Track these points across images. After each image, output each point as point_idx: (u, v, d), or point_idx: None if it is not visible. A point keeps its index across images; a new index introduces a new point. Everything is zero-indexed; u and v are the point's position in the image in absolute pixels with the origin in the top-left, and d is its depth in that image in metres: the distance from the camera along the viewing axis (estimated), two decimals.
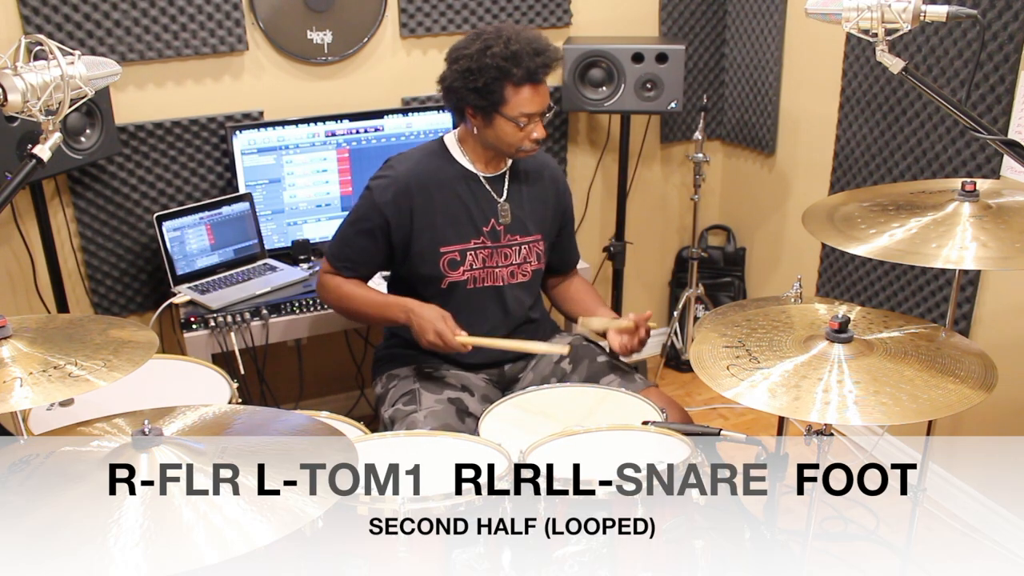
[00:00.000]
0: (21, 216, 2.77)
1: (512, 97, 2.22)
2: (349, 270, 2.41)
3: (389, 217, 2.32)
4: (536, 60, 2.21)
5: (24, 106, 1.51)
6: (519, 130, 2.26)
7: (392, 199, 2.31)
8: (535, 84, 2.23)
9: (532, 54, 2.21)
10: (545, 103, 2.28)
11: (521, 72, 2.20)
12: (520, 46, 2.20)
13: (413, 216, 2.33)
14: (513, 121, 2.25)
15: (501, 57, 2.19)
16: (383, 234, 2.34)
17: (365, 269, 2.43)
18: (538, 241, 2.46)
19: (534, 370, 2.49)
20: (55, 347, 1.63)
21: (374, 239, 2.35)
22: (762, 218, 3.65)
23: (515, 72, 2.20)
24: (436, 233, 2.34)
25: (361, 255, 2.39)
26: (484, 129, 2.30)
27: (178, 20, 2.81)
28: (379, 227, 2.33)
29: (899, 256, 1.82)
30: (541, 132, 2.29)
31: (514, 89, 2.22)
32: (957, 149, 2.69)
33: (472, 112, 2.29)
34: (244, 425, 1.61)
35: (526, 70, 2.20)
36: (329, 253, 2.44)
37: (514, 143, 2.29)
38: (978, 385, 1.64)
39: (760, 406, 1.63)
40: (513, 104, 2.23)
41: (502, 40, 2.21)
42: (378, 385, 2.48)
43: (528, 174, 2.45)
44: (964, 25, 2.58)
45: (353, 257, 2.40)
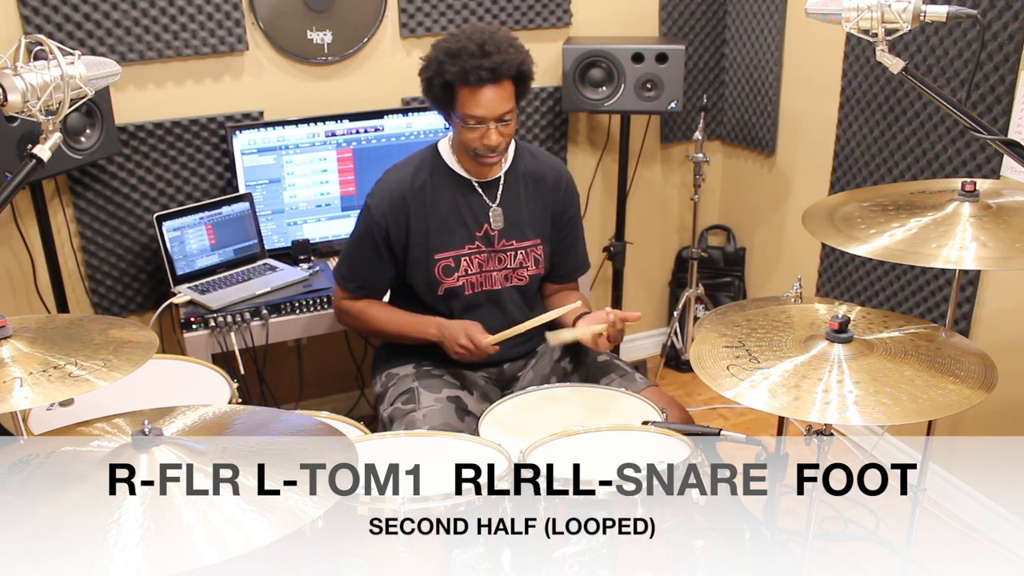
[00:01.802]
0: (21, 216, 2.77)
1: (460, 97, 2.17)
2: (362, 290, 2.41)
3: (388, 228, 2.31)
4: (475, 60, 2.12)
5: (24, 106, 1.51)
6: (470, 132, 2.20)
7: (389, 209, 2.31)
8: (477, 86, 2.13)
9: (477, 55, 2.12)
10: (496, 109, 2.17)
11: (455, 70, 2.13)
12: (465, 44, 2.13)
13: (409, 224, 2.32)
14: (463, 122, 2.19)
15: (444, 52, 2.15)
16: (386, 247, 2.34)
17: (377, 286, 2.42)
18: (536, 246, 2.42)
19: (534, 369, 2.48)
20: (55, 347, 1.63)
21: (379, 254, 2.35)
22: (762, 218, 3.65)
23: (450, 69, 2.13)
24: (430, 240, 2.33)
25: (370, 272, 2.39)
26: (455, 133, 2.28)
27: (178, 20, 2.81)
28: (382, 240, 2.33)
29: (899, 256, 1.82)
30: (492, 139, 2.19)
31: (461, 88, 2.15)
32: (957, 149, 2.69)
33: (442, 114, 2.28)
34: (244, 425, 1.61)
35: (461, 69, 2.12)
36: (338, 277, 2.44)
37: (468, 146, 2.24)
38: (978, 385, 1.64)
39: (760, 406, 1.63)
40: (460, 103, 2.17)
41: (454, 38, 2.17)
42: (377, 384, 2.47)
43: (529, 177, 2.41)
44: (964, 25, 2.58)
45: (363, 276, 2.39)
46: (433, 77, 2.19)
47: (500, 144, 2.22)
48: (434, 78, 2.19)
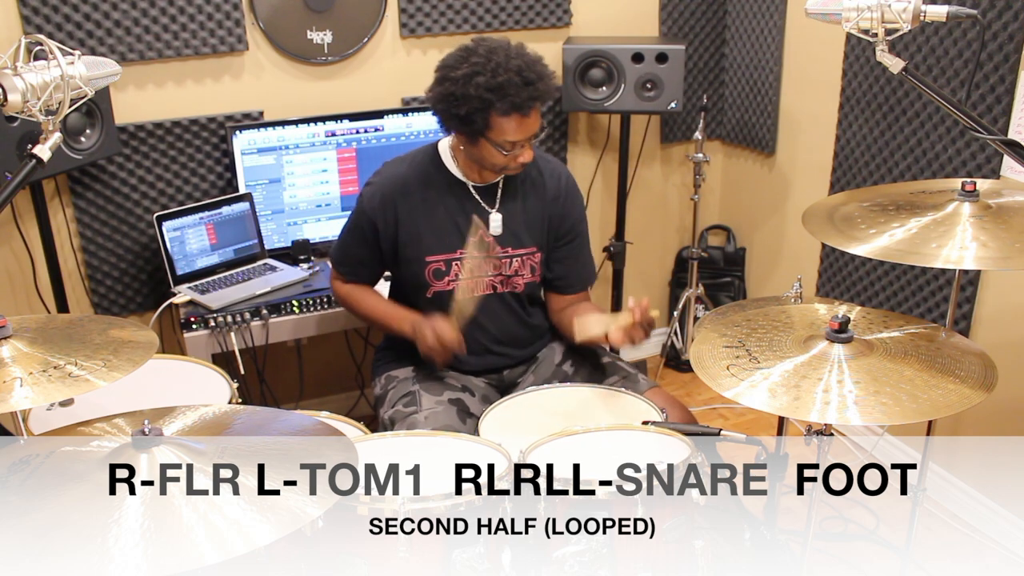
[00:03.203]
0: (21, 216, 2.77)
1: (497, 124, 2.11)
2: (352, 274, 2.44)
3: (376, 222, 2.31)
4: (523, 92, 2.07)
5: (24, 106, 1.51)
6: (503, 155, 2.17)
7: (379, 204, 2.31)
8: (522, 116, 2.11)
9: (520, 85, 2.07)
10: (533, 129, 2.15)
11: (506, 106, 2.07)
12: (508, 76, 2.06)
13: (398, 223, 2.31)
14: (498, 147, 2.15)
15: (485, 88, 2.06)
16: (374, 238, 2.34)
17: (366, 273, 2.44)
18: (532, 254, 2.37)
19: (535, 373, 2.47)
20: (55, 347, 1.63)
21: (367, 244, 2.35)
22: (762, 218, 3.65)
23: (499, 105, 2.07)
24: (421, 242, 2.31)
25: (358, 259, 2.41)
26: (469, 147, 2.21)
27: (178, 20, 2.81)
28: (370, 231, 2.33)
29: (899, 256, 1.82)
30: (528, 156, 2.18)
31: (499, 117, 2.10)
32: (957, 149, 2.69)
33: (457, 131, 2.20)
34: (244, 425, 1.61)
35: (511, 104, 2.07)
36: (332, 259, 2.48)
37: (499, 164, 2.21)
38: (978, 385, 1.64)
39: (760, 406, 1.63)
40: (497, 131, 2.12)
41: (490, 68, 2.07)
42: (377, 386, 2.47)
43: (529, 183, 2.36)
44: (964, 25, 2.58)
45: (352, 262, 2.42)
46: (472, 113, 2.10)
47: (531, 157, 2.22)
48: (473, 114, 2.10)
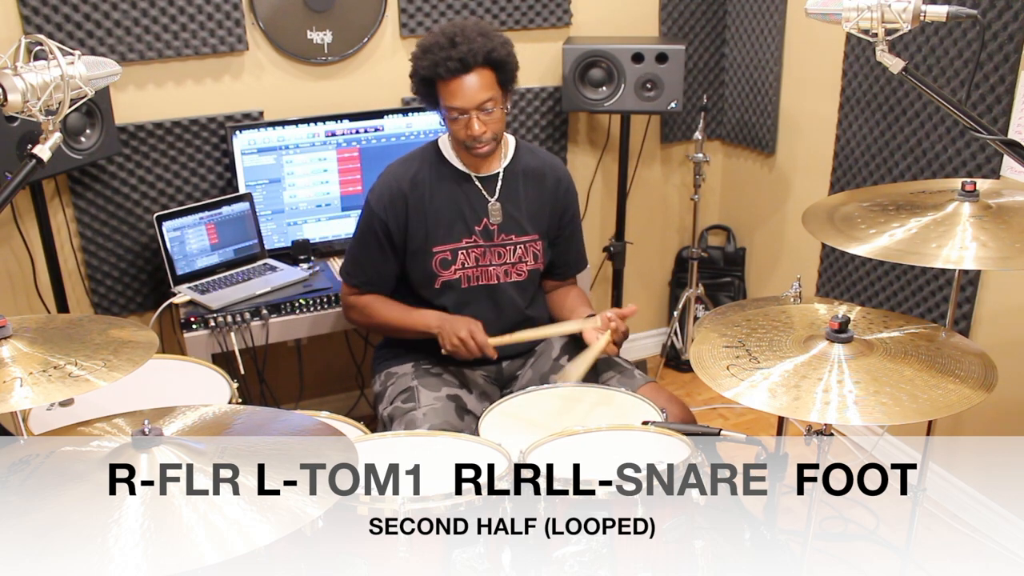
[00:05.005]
0: (21, 216, 2.77)
1: (441, 91, 2.22)
2: (367, 285, 2.43)
3: (387, 221, 2.33)
4: (444, 53, 2.17)
5: (24, 106, 1.51)
6: (454, 124, 2.25)
7: (388, 202, 2.33)
8: (450, 77, 2.18)
9: (446, 47, 2.17)
10: (473, 99, 2.20)
11: (427, 64, 2.20)
12: (437, 38, 2.19)
13: (408, 217, 2.34)
14: (449, 116, 2.24)
15: (419, 48, 2.23)
16: (387, 240, 2.35)
17: (381, 281, 2.43)
18: (535, 241, 2.44)
19: (533, 367, 2.49)
20: (55, 347, 1.63)
21: (381, 247, 2.36)
22: (762, 218, 3.65)
23: (423, 64, 2.21)
24: (428, 233, 2.35)
25: (373, 267, 2.40)
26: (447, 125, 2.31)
27: (178, 20, 2.81)
28: (383, 233, 2.34)
29: (899, 256, 1.82)
30: (474, 128, 2.22)
31: (439, 83, 2.21)
32: (957, 149, 2.69)
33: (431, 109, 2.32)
34: (244, 425, 1.61)
35: (432, 62, 2.19)
36: (344, 274, 2.46)
37: (457, 137, 2.29)
38: (978, 385, 1.64)
39: (760, 406, 1.63)
40: (440, 97, 2.23)
41: (431, 33, 2.23)
42: (376, 383, 2.48)
43: (529, 174, 2.43)
44: (964, 25, 2.58)
45: (367, 271, 2.42)
46: (413, 75, 2.27)
47: (484, 133, 2.24)
48: (414, 76, 2.26)
